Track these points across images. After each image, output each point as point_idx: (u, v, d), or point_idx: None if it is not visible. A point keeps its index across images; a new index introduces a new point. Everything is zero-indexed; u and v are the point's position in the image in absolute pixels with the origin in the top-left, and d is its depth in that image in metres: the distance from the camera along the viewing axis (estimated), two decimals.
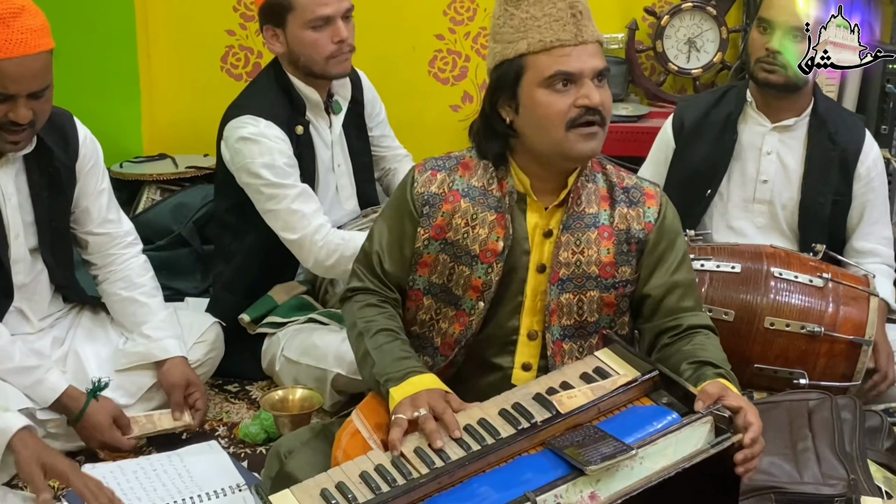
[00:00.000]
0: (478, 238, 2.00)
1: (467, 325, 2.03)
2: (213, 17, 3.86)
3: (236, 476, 2.28)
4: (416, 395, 1.80)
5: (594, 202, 2.02)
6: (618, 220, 2.02)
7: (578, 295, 2.00)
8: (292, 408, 2.56)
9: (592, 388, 1.79)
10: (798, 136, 2.75)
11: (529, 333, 2.03)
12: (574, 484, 1.57)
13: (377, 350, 1.95)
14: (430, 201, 2.03)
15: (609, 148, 3.56)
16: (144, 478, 2.27)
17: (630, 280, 2.03)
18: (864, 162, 2.73)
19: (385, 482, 1.66)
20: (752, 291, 2.45)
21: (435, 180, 2.05)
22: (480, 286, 2.00)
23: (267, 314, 2.85)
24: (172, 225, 3.42)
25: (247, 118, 2.71)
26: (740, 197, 2.80)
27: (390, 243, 2.07)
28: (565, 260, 1.99)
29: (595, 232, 2.01)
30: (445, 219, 2.02)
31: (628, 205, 2.03)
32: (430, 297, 2.07)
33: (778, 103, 2.73)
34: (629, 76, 3.90)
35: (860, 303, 2.46)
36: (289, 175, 2.70)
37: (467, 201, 2.01)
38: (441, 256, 2.03)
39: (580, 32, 1.89)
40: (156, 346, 2.54)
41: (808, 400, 2.26)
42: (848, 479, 1.99)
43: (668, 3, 3.89)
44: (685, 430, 1.64)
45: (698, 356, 1.89)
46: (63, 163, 2.43)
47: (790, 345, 2.43)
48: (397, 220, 2.07)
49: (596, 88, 1.90)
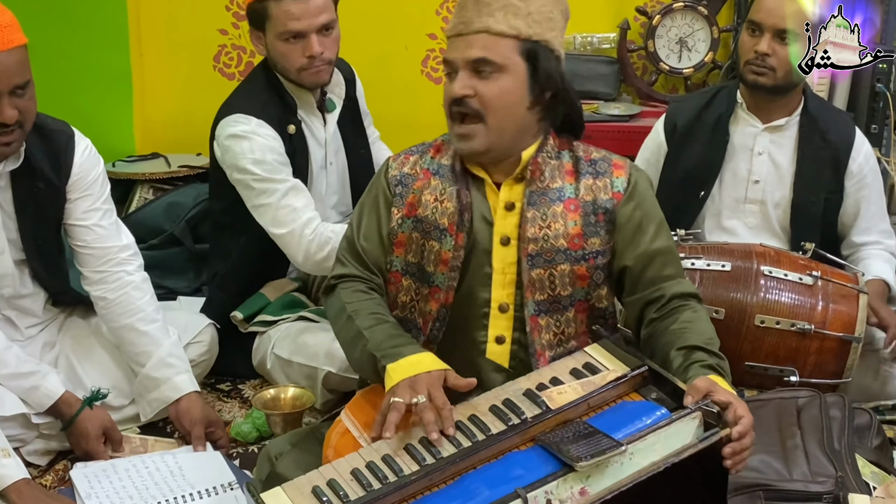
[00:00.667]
0: (446, 212, 2.01)
1: (443, 300, 2.03)
2: (205, 16, 3.87)
3: (228, 474, 2.29)
4: (416, 379, 1.79)
5: (558, 177, 2.02)
6: (583, 191, 2.01)
7: (549, 269, 1.99)
8: (284, 406, 2.56)
9: (582, 383, 1.80)
10: (789, 135, 2.76)
11: (500, 306, 2.02)
12: (564, 480, 1.58)
13: (370, 329, 1.94)
14: (402, 181, 2.06)
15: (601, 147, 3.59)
16: (137, 476, 2.27)
17: (600, 251, 2.02)
18: (856, 159, 2.74)
19: (377, 479, 1.66)
20: (743, 290, 2.47)
21: (408, 162, 2.09)
22: (449, 259, 2.00)
23: (259, 312, 2.86)
24: (165, 224, 3.42)
25: (238, 116, 2.71)
26: (732, 197, 2.81)
27: (368, 227, 2.09)
28: (532, 235, 1.98)
29: (560, 206, 2.00)
30: (416, 196, 2.04)
31: (594, 176, 2.03)
32: (408, 278, 2.07)
33: (768, 104, 2.74)
34: (621, 76, 3.91)
35: (850, 300, 2.47)
36: (279, 171, 2.70)
37: (436, 178, 2.04)
38: (413, 234, 2.04)
39: (461, 23, 1.91)
40: (167, 386, 2.49)
41: (798, 398, 2.27)
42: (836, 477, 2.00)
43: (659, 3, 3.91)
44: (674, 426, 1.65)
45: (687, 342, 1.88)
46: (51, 183, 2.39)
47: (780, 342, 2.45)
48: (374, 206, 2.09)
49: (470, 81, 1.91)
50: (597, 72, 3.85)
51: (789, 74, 2.65)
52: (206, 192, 3.45)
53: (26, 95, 2.23)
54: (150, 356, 2.49)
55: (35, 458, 2.41)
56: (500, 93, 1.91)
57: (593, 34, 3.92)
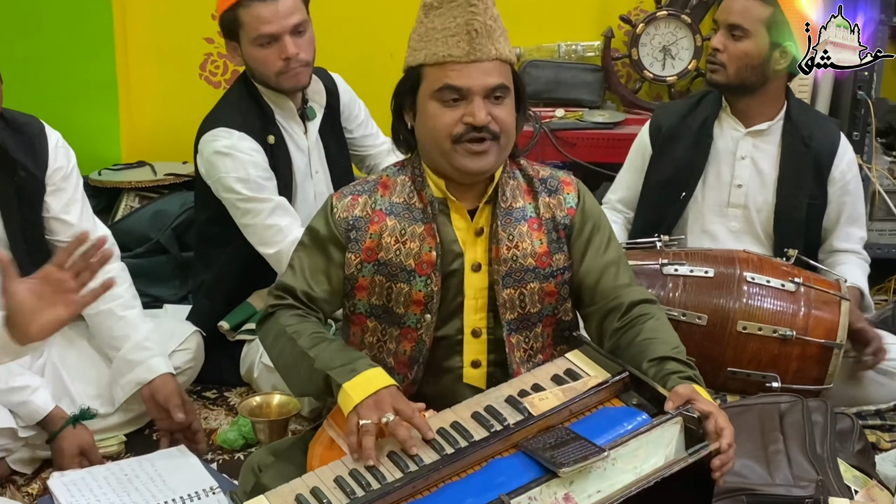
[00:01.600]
0: (411, 252, 1.99)
1: (417, 339, 2.02)
2: (191, 24, 3.87)
3: (209, 479, 2.29)
4: (377, 398, 1.79)
5: (519, 196, 2.04)
6: (543, 209, 2.04)
7: (519, 289, 2.01)
8: (270, 414, 2.56)
9: (563, 389, 1.81)
10: (772, 140, 2.77)
11: (473, 331, 2.03)
12: (548, 486, 1.58)
13: (314, 348, 1.91)
14: (354, 225, 2.02)
15: (586, 154, 3.67)
16: (116, 483, 2.27)
17: (566, 266, 2.05)
18: (839, 165, 2.75)
19: (360, 486, 1.67)
20: (725, 296, 2.48)
21: (357, 204, 2.03)
22: (423, 299, 2.00)
23: (246, 321, 2.86)
24: (151, 232, 3.43)
25: (220, 131, 2.71)
26: (715, 201, 2.82)
27: (314, 271, 2.04)
28: (503, 256, 1.99)
29: (525, 225, 2.02)
30: (374, 240, 2.01)
31: (548, 194, 2.06)
32: (373, 320, 2.06)
33: (747, 109, 2.76)
34: (605, 83, 3.93)
35: (832, 307, 2.49)
36: (263, 189, 2.70)
37: (393, 218, 2.01)
38: (376, 278, 2.02)
39: (473, 50, 1.89)
40: (142, 368, 2.48)
41: (780, 403, 2.28)
42: (818, 481, 2.01)
43: (643, 12, 3.93)
44: (655, 431, 1.66)
45: (657, 353, 1.88)
46: (30, 172, 2.40)
47: (762, 348, 2.46)
48: (320, 249, 2.04)
49: (486, 106, 1.91)
50: (581, 80, 3.87)
51: (741, 72, 2.67)
52: (192, 200, 3.44)
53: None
54: (128, 339, 2.50)
55: (20, 467, 2.42)
56: (509, 114, 1.96)
57: (578, 42, 3.94)
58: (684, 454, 1.65)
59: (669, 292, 2.51)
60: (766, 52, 2.64)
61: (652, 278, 2.52)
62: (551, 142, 3.65)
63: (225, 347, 2.87)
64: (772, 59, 2.65)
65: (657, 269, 2.54)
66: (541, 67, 3.86)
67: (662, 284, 2.52)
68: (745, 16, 2.64)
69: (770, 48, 2.64)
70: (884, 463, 2.32)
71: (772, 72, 2.67)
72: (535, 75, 3.84)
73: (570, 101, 3.85)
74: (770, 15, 2.62)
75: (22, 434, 2.37)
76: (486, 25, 1.90)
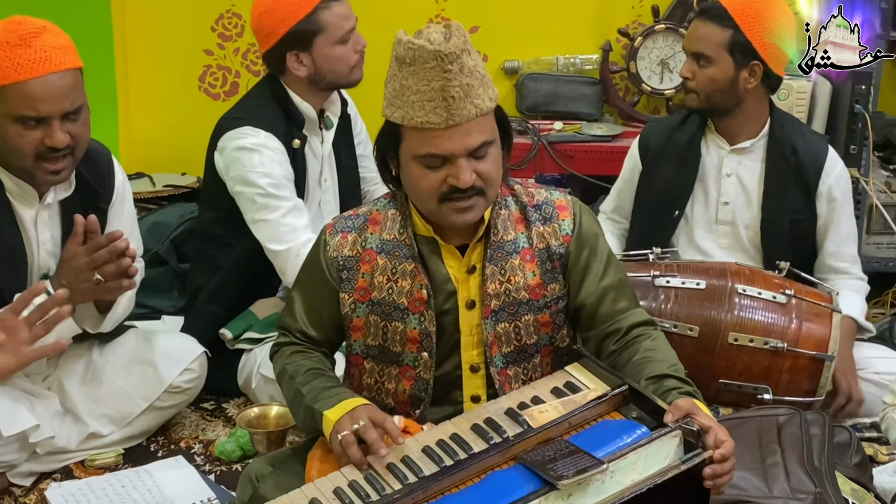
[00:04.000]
0: (403, 290, 1.97)
1: (416, 378, 2.02)
2: (190, 36, 3.88)
3: (206, 490, 2.29)
4: (353, 412, 1.81)
5: (511, 228, 2.00)
6: (536, 240, 2.00)
7: (514, 322, 1.99)
8: (268, 425, 2.56)
9: (563, 402, 1.81)
10: (756, 157, 2.78)
11: (471, 367, 2.02)
12: (546, 498, 1.59)
13: (306, 385, 1.95)
14: (345, 265, 2.00)
15: (583, 167, 3.68)
16: (115, 494, 2.27)
17: (560, 296, 2.03)
18: (826, 181, 2.74)
19: (359, 498, 1.68)
20: (717, 308, 2.48)
21: (346, 243, 2.01)
22: (418, 336, 1.99)
23: (247, 329, 2.86)
24: (149, 243, 3.42)
25: (247, 129, 2.73)
26: (704, 218, 2.83)
27: (308, 310, 2.06)
28: (494, 292, 1.97)
29: (517, 258, 1.99)
30: (366, 280, 1.99)
31: (543, 222, 2.01)
32: (370, 361, 2.05)
33: (728, 127, 2.77)
34: (603, 96, 3.94)
35: (823, 319, 2.49)
36: (284, 188, 2.72)
37: (383, 257, 1.99)
38: (371, 318, 2.01)
39: (451, 116, 1.81)
40: None
41: (778, 416, 2.28)
42: (815, 493, 2.01)
43: (641, 25, 3.94)
44: (654, 444, 1.66)
45: (654, 371, 1.89)
46: (99, 209, 2.36)
47: (754, 360, 2.47)
48: (314, 287, 2.05)
49: (470, 164, 1.85)
50: (580, 93, 3.88)
51: (712, 97, 2.69)
52: (190, 211, 3.46)
53: (80, 120, 2.20)
54: None
55: (19, 479, 2.40)
56: (495, 166, 1.91)
57: (576, 55, 3.95)
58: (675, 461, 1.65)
59: (661, 304, 2.52)
60: (732, 75, 2.65)
61: (644, 290, 2.52)
62: (549, 154, 3.66)
63: (223, 356, 2.85)
64: (740, 79, 2.66)
65: (649, 280, 2.54)
66: (539, 80, 3.87)
67: (654, 296, 2.52)
68: (706, 43, 2.66)
69: (736, 70, 2.65)
70: (881, 476, 2.32)
71: (743, 91, 2.68)
72: (534, 88, 3.85)
73: (569, 114, 3.86)
74: (729, 38, 2.63)
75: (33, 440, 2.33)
76: (463, 87, 1.81)
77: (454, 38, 1.82)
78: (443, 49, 1.79)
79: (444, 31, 1.84)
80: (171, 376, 2.59)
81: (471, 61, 1.83)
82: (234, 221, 2.80)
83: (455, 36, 1.82)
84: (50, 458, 2.44)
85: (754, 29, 2.61)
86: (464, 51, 1.82)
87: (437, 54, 1.79)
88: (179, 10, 3.86)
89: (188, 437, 2.68)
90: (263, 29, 2.78)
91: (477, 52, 1.88)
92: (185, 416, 2.77)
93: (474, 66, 1.84)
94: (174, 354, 2.64)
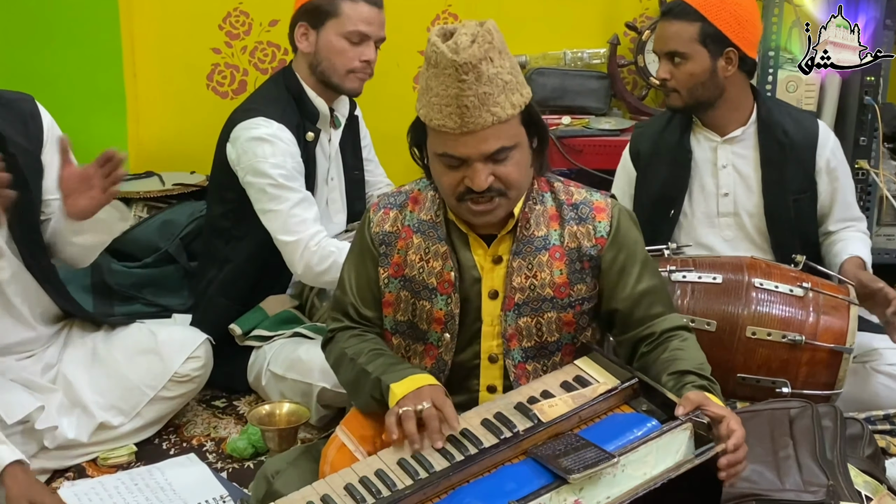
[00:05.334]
0: (433, 271, 2.00)
1: (438, 358, 2.03)
2: (198, 35, 3.89)
3: (219, 488, 2.30)
4: (418, 391, 1.82)
5: (543, 224, 2.00)
6: (568, 239, 2.00)
7: (536, 318, 1.99)
8: (279, 422, 2.57)
9: (573, 396, 1.81)
10: (748, 144, 2.77)
11: (490, 357, 2.02)
12: (557, 492, 1.58)
13: (372, 364, 1.96)
14: (385, 240, 2.04)
15: (592, 161, 3.68)
16: (127, 492, 2.28)
17: (587, 297, 2.02)
18: (822, 155, 2.75)
19: (370, 494, 1.67)
20: (734, 302, 2.47)
21: (388, 219, 2.05)
22: (443, 317, 2.00)
23: (256, 326, 2.87)
24: (159, 242, 3.43)
25: (260, 120, 2.74)
26: (704, 213, 2.82)
27: (360, 287, 2.08)
28: (519, 285, 1.98)
29: (546, 254, 1.99)
30: (401, 256, 2.02)
31: (577, 222, 2.01)
32: (398, 336, 2.07)
33: (715, 119, 2.76)
34: (611, 90, 3.93)
35: (841, 311, 2.48)
36: (295, 179, 2.73)
37: (419, 236, 2.01)
38: (402, 293, 2.03)
39: (465, 123, 1.80)
40: None
41: (790, 408, 2.28)
42: (828, 486, 2.01)
43: (648, 19, 3.93)
44: (665, 437, 1.66)
45: (678, 367, 1.89)
46: (24, 150, 2.34)
47: (772, 354, 2.45)
48: (362, 263, 2.08)
49: (487, 168, 1.84)
50: (587, 87, 3.88)
51: (694, 92, 2.68)
52: (200, 210, 3.47)
53: None
54: None
55: None
56: (517, 168, 1.89)
57: (584, 50, 3.94)
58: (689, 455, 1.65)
59: (678, 299, 2.51)
60: (710, 66, 2.64)
61: None
62: (558, 149, 3.66)
63: (232, 351, 2.86)
64: (718, 69, 2.65)
65: (665, 276, 2.53)
66: (546, 75, 3.86)
67: (671, 291, 2.51)
68: (678, 40, 2.65)
69: (712, 61, 2.64)
70: (894, 468, 2.31)
71: (723, 80, 2.67)
72: (541, 83, 3.84)
73: (577, 109, 3.86)
74: (699, 31, 2.62)
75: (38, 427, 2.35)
76: (479, 96, 1.80)
77: (476, 45, 1.79)
78: (458, 59, 1.78)
79: (472, 35, 1.81)
80: (175, 364, 2.61)
81: (492, 69, 1.81)
82: (242, 214, 2.81)
83: (478, 43, 1.79)
84: (62, 453, 2.45)
85: (721, 16, 2.61)
86: (483, 59, 1.79)
87: (454, 63, 1.78)
88: (187, 8, 3.86)
89: (200, 434, 2.69)
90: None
91: (505, 55, 1.85)
92: (197, 413, 2.78)
93: (496, 73, 1.81)
94: (177, 342, 2.65)
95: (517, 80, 1.86)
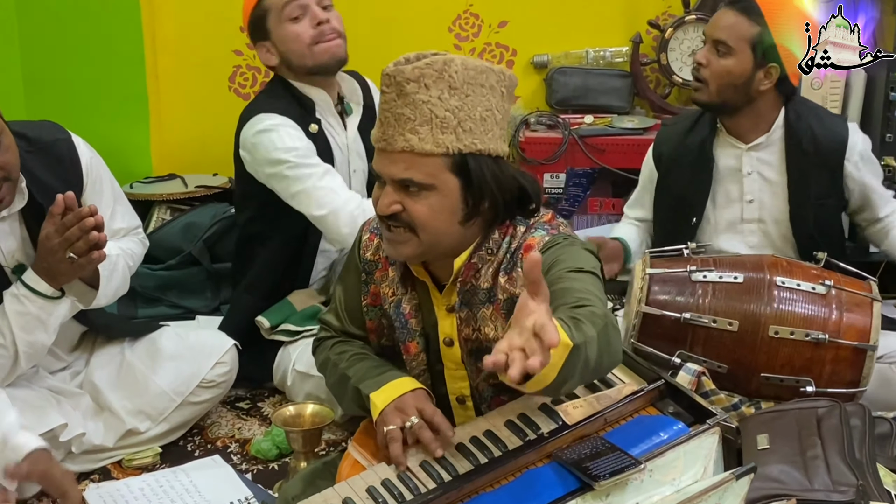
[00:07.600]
0: (402, 310, 1.95)
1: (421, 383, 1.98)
2: (220, 37, 3.90)
3: (244, 489, 2.30)
4: (400, 402, 1.80)
5: (490, 276, 1.85)
6: (499, 293, 1.84)
7: None
8: (304, 423, 2.55)
9: (598, 397, 1.78)
10: (774, 150, 2.74)
11: (458, 398, 2.00)
12: (583, 499, 1.57)
13: (351, 368, 1.96)
14: (366, 268, 2.00)
15: (615, 160, 3.67)
16: (152, 494, 2.28)
17: None
18: (851, 157, 2.70)
19: (392, 496, 1.67)
20: (756, 301, 2.45)
21: (371, 246, 1.99)
22: (417, 349, 1.97)
23: (284, 321, 2.87)
24: (183, 244, 3.45)
25: (262, 115, 2.75)
26: (727, 220, 2.80)
27: (349, 309, 2.06)
28: (466, 336, 1.90)
29: (490, 308, 1.86)
30: (377, 287, 1.98)
31: (507, 272, 1.84)
32: (384, 358, 2.04)
33: (739, 127, 2.73)
34: (634, 89, 3.92)
35: (863, 308, 2.46)
36: (310, 156, 2.72)
37: (393, 269, 1.95)
38: (382, 321, 2.00)
39: (381, 136, 1.74)
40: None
41: (817, 408, 2.25)
42: (857, 486, 1.99)
43: (671, 17, 3.91)
44: (693, 441, 1.64)
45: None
46: None
47: (795, 353, 2.43)
48: (352, 282, 2.05)
49: (396, 194, 1.75)
50: (610, 85, 3.87)
51: (723, 91, 2.64)
52: (223, 211, 3.48)
53: (2, 147, 2.14)
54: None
55: None
56: (429, 211, 1.76)
57: (606, 48, 3.93)
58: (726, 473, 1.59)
59: (699, 299, 2.49)
60: (749, 72, 2.61)
61: (680, 285, 2.50)
62: (581, 148, 3.64)
63: (258, 345, 2.85)
64: (755, 79, 2.62)
65: (686, 275, 2.51)
66: (569, 74, 3.86)
67: (692, 291, 2.49)
68: (731, 32, 2.62)
69: (754, 68, 2.61)
70: None
71: (755, 92, 2.64)
72: (564, 82, 3.83)
73: (599, 108, 3.84)
74: (756, 34, 2.59)
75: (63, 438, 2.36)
76: (395, 115, 1.71)
77: (413, 66, 1.70)
78: (387, 70, 1.73)
79: (420, 58, 1.72)
80: (203, 370, 2.61)
81: (421, 95, 1.70)
82: (267, 217, 2.83)
83: (419, 67, 1.70)
84: (87, 457, 2.47)
85: (783, 32, 2.58)
86: (413, 81, 1.69)
87: (384, 72, 1.74)
88: (208, 11, 3.88)
89: (224, 436, 2.69)
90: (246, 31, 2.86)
91: (459, 93, 1.71)
92: (222, 415, 2.78)
93: (424, 101, 1.70)
94: (206, 349, 2.66)
95: (460, 125, 1.72)
